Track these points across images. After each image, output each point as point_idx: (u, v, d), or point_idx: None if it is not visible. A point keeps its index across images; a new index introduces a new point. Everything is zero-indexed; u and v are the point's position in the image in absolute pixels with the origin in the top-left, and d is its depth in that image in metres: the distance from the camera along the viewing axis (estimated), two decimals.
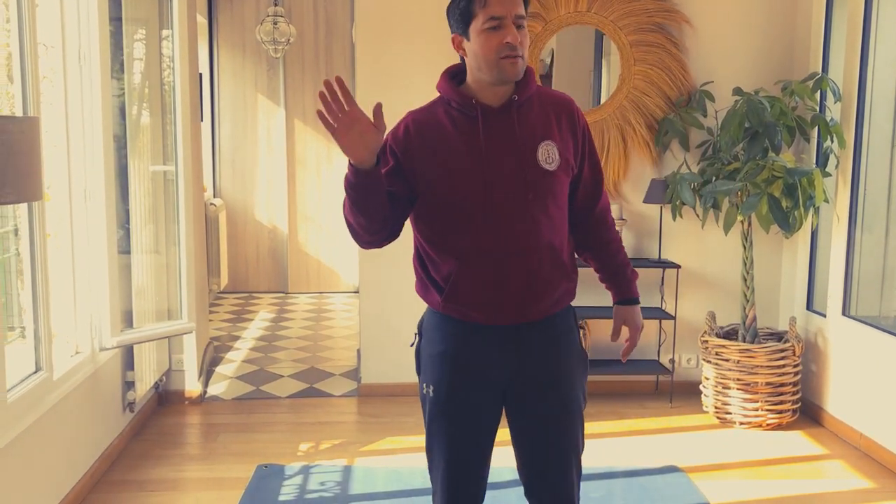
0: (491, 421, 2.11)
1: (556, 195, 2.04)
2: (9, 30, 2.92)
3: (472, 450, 2.11)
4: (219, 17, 7.14)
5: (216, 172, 7.32)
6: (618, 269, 2.24)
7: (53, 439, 3.03)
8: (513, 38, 1.92)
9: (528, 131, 2.01)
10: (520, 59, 1.95)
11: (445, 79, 2.08)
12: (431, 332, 2.12)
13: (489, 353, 2.06)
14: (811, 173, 3.85)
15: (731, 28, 4.48)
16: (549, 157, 2.01)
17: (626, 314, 2.26)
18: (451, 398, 2.07)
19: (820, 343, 4.25)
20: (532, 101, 2.06)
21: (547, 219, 2.02)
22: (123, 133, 3.63)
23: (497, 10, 1.93)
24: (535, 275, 2.02)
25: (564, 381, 2.12)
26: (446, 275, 2.03)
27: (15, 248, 3.11)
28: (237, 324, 6.32)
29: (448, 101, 2.05)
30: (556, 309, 2.10)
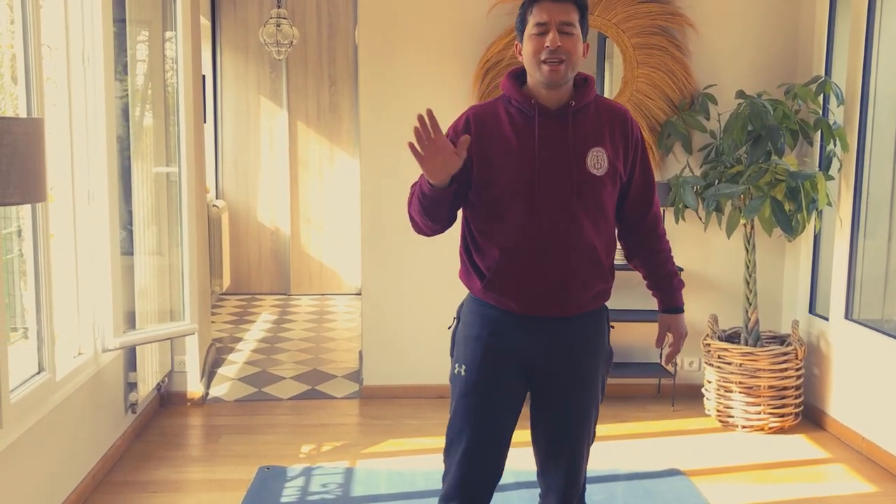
0: (514, 404, 2.23)
1: (601, 200, 2.14)
2: (13, 31, 2.93)
3: (493, 431, 2.22)
4: (222, 19, 7.15)
5: (219, 174, 7.32)
6: (665, 278, 2.36)
7: (56, 440, 3.03)
8: (552, 41, 2.04)
9: (581, 136, 2.12)
10: (561, 65, 2.06)
11: (509, 78, 2.20)
12: (469, 315, 2.25)
13: (521, 341, 2.18)
14: (814, 177, 3.85)
15: (734, 31, 4.48)
16: (597, 163, 2.12)
17: (671, 322, 2.38)
18: (480, 377, 2.19)
19: (822, 346, 4.25)
20: (589, 108, 2.17)
21: (590, 221, 2.12)
22: (126, 134, 3.64)
23: (543, 17, 2.07)
24: (573, 273, 2.13)
25: (588, 375, 2.24)
26: (489, 263, 2.15)
27: (18, 248, 3.11)
28: (239, 325, 6.32)
29: (509, 100, 2.17)
30: (590, 307, 2.22)
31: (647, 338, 4.62)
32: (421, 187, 2.07)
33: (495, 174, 2.11)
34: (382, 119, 4.42)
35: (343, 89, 7.27)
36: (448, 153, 1.97)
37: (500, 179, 2.11)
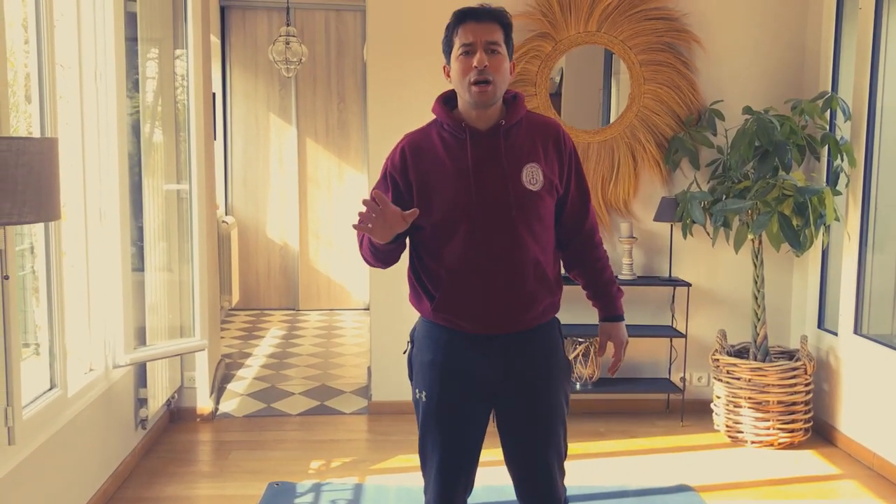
0: (479, 423, 2.27)
1: (541, 214, 2.17)
2: (27, 51, 2.97)
3: (461, 450, 2.26)
4: (232, 37, 7.22)
5: (228, 190, 7.37)
6: (603, 286, 2.36)
7: (67, 456, 3.04)
8: (479, 60, 2.07)
9: (514, 153, 2.16)
10: (489, 87, 2.09)
11: (439, 103, 2.24)
12: (422, 340, 2.28)
13: (476, 361, 2.21)
14: (821, 192, 3.85)
15: (741, 47, 4.50)
16: (533, 178, 2.15)
17: (611, 330, 2.38)
18: (441, 403, 2.24)
19: (832, 362, 4.24)
20: (520, 125, 2.20)
21: (531, 236, 2.15)
22: (137, 151, 3.67)
23: (468, 38, 2.11)
24: (520, 288, 2.16)
25: (548, 388, 2.25)
26: (437, 284, 2.19)
27: (31, 266, 3.14)
28: (248, 341, 6.34)
29: (441, 124, 2.21)
30: (541, 321, 2.24)
31: (656, 353, 4.61)
32: (371, 242, 2.12)
33: (434, 199, 2.14)
34: (390, 136, 4.44)
35: (351, 106, 7.32)
36: (395, 219, 2.01)
37: (440, 203, 2.13)
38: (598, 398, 4.60)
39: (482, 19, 2.12)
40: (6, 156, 1.95)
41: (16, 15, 2.95)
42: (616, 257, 4.50)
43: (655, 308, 4.58)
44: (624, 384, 4.52)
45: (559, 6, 4.35)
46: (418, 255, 2.23)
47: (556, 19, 4.36)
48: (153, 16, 3.78)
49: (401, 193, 2.18)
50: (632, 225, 4.48)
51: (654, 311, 4.59)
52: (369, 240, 2.13)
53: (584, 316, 3.96)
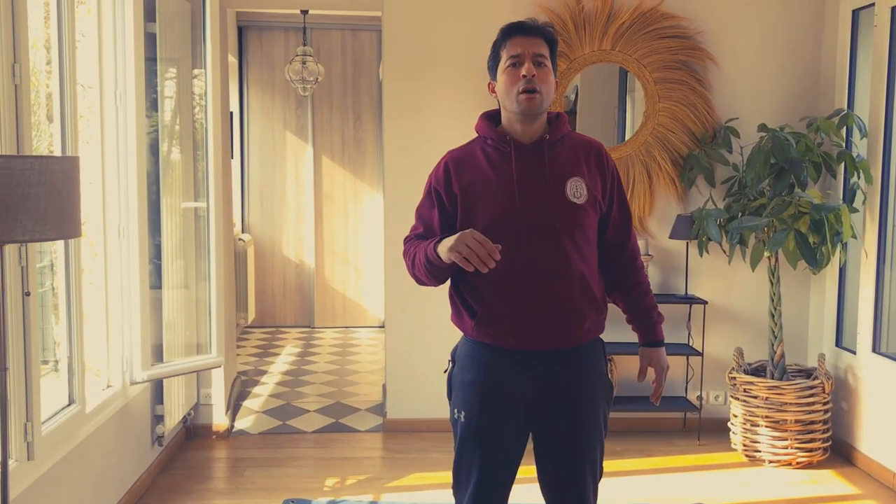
0: (518, 445, 2.24)
1: (584, 228, 2.17)
2: (49, 71, 3.02)
3: (499, 472, 2.23)
4: (249, 56, 7.29)
5: (245, 208, 7.42)
6: (645, 311, 2.34)
7: (84, 472, 3.06)
8: (527, 69, 2.11)
9: (558, 167, 2.17)
10: (537, 96, 2.12)
11: (483, 119, 2.26)
12: (464, 359, 2.25)
13: (518, 380, 2.18)
14: (838, 209, 3.84)
15: (756, 65, 4.50)
16: (577, 192, 2.15)
17: (651, 356, 2.36)
18: (481, 424, 2.20)
19: (850, 380, 4.21)
20: (563, 141, 2.22)
21: (575, 249, 2.14)
22: (155, 170, 3.71)
23: (516, 50, 2.14)
24: (564, 301, 2.14)
25: (589, 409, 2.22)
26: (479, 299, 2.17)
27: (51, 283, 3.18)
28: (264, 358, 6.36)
29: (485, 139, 2.23)
30: (586, 339, 2.22)
31: (672, 372, 4.58)
32: (428, 257, 2.09)
33: (478, 210, 2.14)
34: (406, 154, 4.48)
35: (367, 125, 7.36)
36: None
37: (484, 214, 2.12)
38: (615, 417, 4.56)
39: (529, 34, 2.15)
40: (28, 174, 1.99)
41: (38, 36, 3.00)
42: None
43: (671, 326, 4.56)
44: (640, 403, 4.49)
45: (573, 25, 4.38)
46: (460, 271, 2.17)
47: (571, 38, 4.38)
48: (172, 36, 3.83)
49: (445, 207, 2.19)
50: (647, 242, 4.47)
51: (670, 329, 4.57)
52: (424, 261, 2.11)
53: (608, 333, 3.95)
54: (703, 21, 4.46)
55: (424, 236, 2.21)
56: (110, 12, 3.38)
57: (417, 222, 2.26)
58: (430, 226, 2.21)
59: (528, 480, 2.36)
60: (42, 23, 3.04)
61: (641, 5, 4.37)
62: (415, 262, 2.17)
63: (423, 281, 2.20)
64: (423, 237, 2.21)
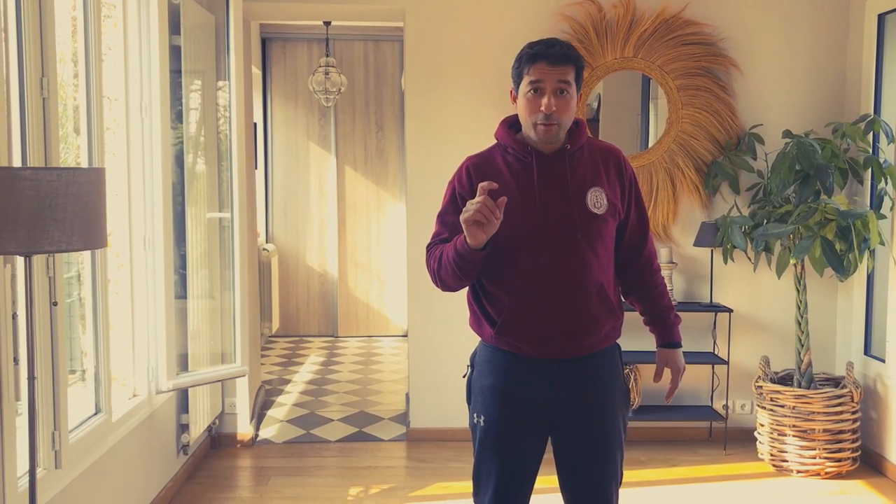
0: (537, 450, 2.26)
1: (604, 238, 2.19)
2: (76, 84, 3.06)
3: (518, 476, 2.24)
4: (272, 68, 7.35)
5: (269, 218, 7.46)
6: (661, 313, 2.37)
7: (110, 480, 3.09)
8: (546, 106, 2.09)
9: (579, 177, 2.18)
10: (554, 126, 2.11)
11: (504, 127, 2.26)
12: (483, 364, 2.27)
13: (537, 386, 2.20)
14: (865, 216, 3.79)
15: (780, 71, 4.47)
16: (597, 202, 2.17)
17: (668, 357, 2.38)
18: (500, 428, 2.22)
19: (879, 389, 4.15)
20: (583, 150, 2.23)
21: (595, 259, 2.16)
22: (180, 181, 3.75)
23: (539, 76, 2.10)
24: (584, 312, 2.16)
25: (607, 414, 2.24)
26: (499, 309, 2.18)
27: (77, 293, 3.21)
28: (288, 367, 6.39)
29: (505, 148, 2.23)
30: (603, 345, 2.24)
31: (697, 380, 4.55)
32: (456, 250, 2.06)
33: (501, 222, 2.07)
34: (428, 163, 4.49)
35: (390, 135, 7.39)
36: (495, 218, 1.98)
37: (505, 226, 2.06)
38: (639, 426, 4.54)
39: (555, 62, 2.09)
40: (56, 185, 2.01)
41: (66, 50, 3.05)
42: None
43: (697, 334, 4.53)
44: (665, 412, 4.46)
45: (595, 33, 4.37)
46: (479, 279, 2.21)
47: (593, 46, 4.38)
48: (196, 48, 3.87)
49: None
50: (671, 250, 4.45)
51: (695, 338, 4.53)
52: (454, 255, 2.06)
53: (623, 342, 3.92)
54: (725, 27, 4.43)
55: (448, 240, 2.17)
56: (136, 26, 3.42)
57: (441, 228, 2.24)
58: (455, 229, 2.14)
59: (550, 490, 2.35)
60: (69, 37, 3.08)
61: (663, 12, 4.36)
62: (441, 262, 2.14)
63: (449, 283, 2.16)
64: (447, 241, 2.17)
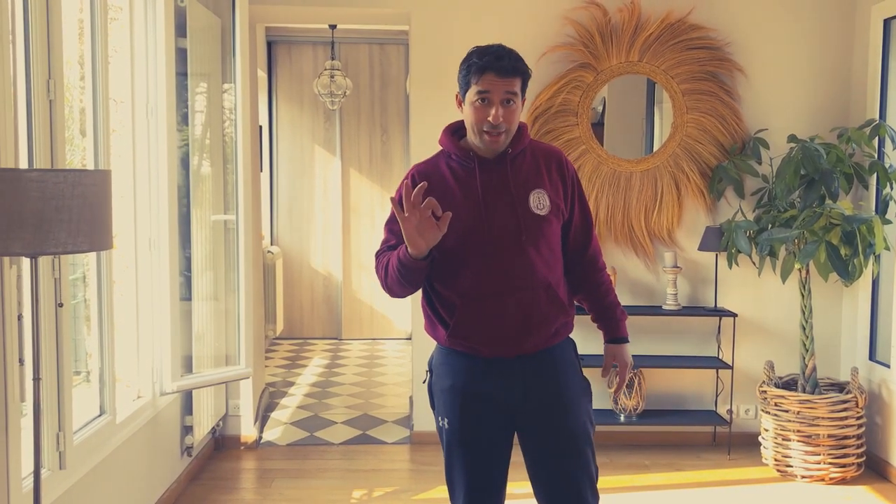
0: (503, 447, 2.29)
1: (548, 237, 2.24)
2: (83, 87, 3.08)
3: (488, 475, 2.27)
4: (278, 71, 7.37)
5: (274, 221, 7.48)
6: (608, 309, 2.43)
7: (114, 482, 3.09)
8: (494, 117, 2.14)
9: (521, 180, 2.24)
10: (501, 136, 2.17)
11: (447, 134, 2.31)
12: (440, 367, 2.33)
13: (494, 384, 2.24)
14: (870, 220, 3.79)
15: (785, 75, 4.47)
16: (539, 204, 2.22)
17: (615, 351, 2.44)
18: (464, 427, 2.27)
19: (885, 394, 4.13)
20: (525, 153, 2.28)
21: (541, 259, 2.22)
22: (186, 183, 3.76)
23: (486, 86, 2.15)
24: (532, 310, 2.21)
25: (569, 409, 2.27)
26: (451, 311, 2.24)
27: (83, 294, 3.22)
28: (292, 369, 6.40)
29: (449, 154, 2.28)
30: (555, 341, 2.29)
31: (701, 385, 4.55)
32: (399, 258, 2.11)
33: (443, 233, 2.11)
34: None
35: (394, 138, 7.40)
36: (429, 222, 2.03)
37: (451, 230, 2.11)
38: (643, 430, 4.54)
39: (503, 74, 2.14)
40: (62, 187, 2.02)
41: (72, 52, 3.06)
42: (660, 287, 4.47)
43: (701, 339, 4.52)
44: (669, 416, 4.45)
45: (600, 37, 4.37)
46: (430, 283, 2.27)
47: (598, 50, 4.38)
48: (202, 51, 3.88)
49: None
50: (676, 255, 4.44)
51: (699, 342, 4.53)
52: (397, 264, 2.12)
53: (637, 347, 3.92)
54: (731, 32, 4.43)
55: (396, 248, 2.20)
56: (142, 28, 3.44)
57: (388, 235, 2.28)
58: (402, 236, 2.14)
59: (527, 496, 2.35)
60: (76, 39, 3.10)
61: (669, 17, 4.36)
62: (388, 269, 2.19)
63: (395, 291, 2.22)
64: (394, 248, 2.21)
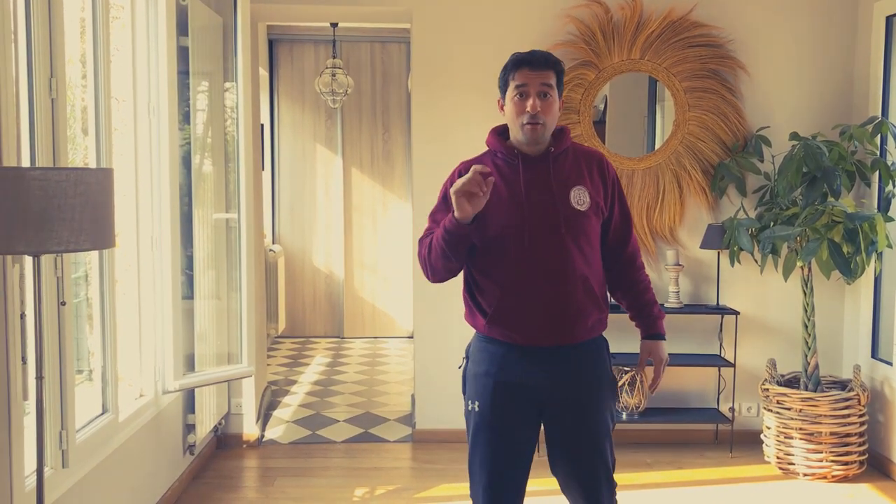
0: (529, 435, 2.39)
1: (588, 233, 2.35)
2: (84, 85, 3.08)
3: (511, 460, 2.36)
4: (279, 69, 7.37)
5: (275, 219, 7.48)
6: (645, 307, 2.52)
7: (117, 480, 3.10)
8: (532, 106, 2.28)
9: (562, 177, 2.35)
10: (539, 126, 2.29)
11: (493, 134, 2.45)
12: (477, 354, 2.44)
13: (527, 372, 2.34)
14: (872, 218, 3.78)
15: (787, 73, 4.46)
16: (580, 200, 2.34)
17: (652, 348, 2.53)
18: (493, 410, 2.36)
19: (887, 392, 4.13)
20: (567, 153, 2.40)
21: (579, 253, 2.32)
22: (188, 182, 3.76)
23: (523, 80, 2.30)
24: (569, 302, 2.31)
25: (594, 402, 2.38)
26: (490, 300, 2.34)
27: (85, 293, 3.23)
28: (294, 368, 6.40)
29: (495, 153, 2.42)
30: (589, 336, 2.38)
31: (704, 383, 4.54)
32: (444, 227, 2.23)
33: (489, 218, 2.26)
34: (434, 165, 4.47)
35: (396, 136, 7.40)
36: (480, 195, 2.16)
37: (494, 222, 2.27)
38: (645, 428, 4.54)
39: (537, 67, 2.30)
40: (65, 186, 2.02)
41: (74, 51, 3.06)
42: (662, 285, 4.46)
43: (703, 337, 4.52)
44: (671, 414, 4.45)
45: (602, 35, 4.37)
46: (472, 274, 2.39)
47: (600, 48, 4.38)
48: (204, 50, 3.88)
49: None
50: (678, 252, 4.44)
51: (701, 340, 4.52)
52: (442, 234, 2.23)
53: (631, 345, 3.92)
54: (733, 29, 4.43)
55: None
56: (144, 27, 3.44)
57: (431, 224, 2.41)
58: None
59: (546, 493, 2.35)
60: (78, 38, 3.10)
61: (670, 14, 4.36)
62: (431, 245, 2.31)
63: (437, 267, 2.32)
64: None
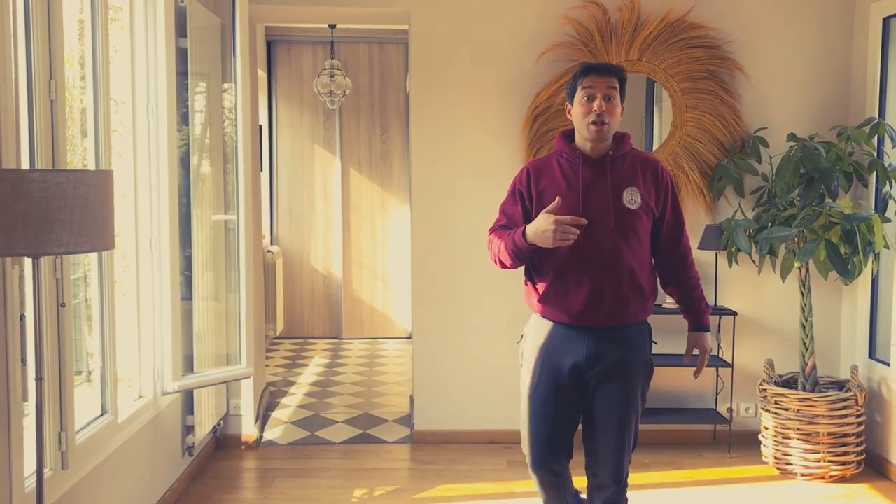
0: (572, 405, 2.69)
1: (637, 229, 2.62)
2: (83, 87, 3.08)
3: (555, 427, 2.69)
4: (278, 70, 7.37)
5: (274, 220, 7.48)
6: (695, 302, 2.81)
7: (116, 481, 3.10)
8: (598, 106, 2.57)
9: (618, 178, 2.64)
10: (605, 126, 2.58)
11: (560, 137, 2.73)
12: (532, 330, 2.77)
13: (572, 347, 2.65)
14: (870, 219, 3.79)
15: (785, 74, 4.47)
16: (632, 199, 2.62)
17: (698, 339, 2.82)
18: (541, 382, 2.69)
19: (884, 392, 4.14)
20: (625, 157, 2.68)
21: (627, 247, 2.60)
22: (186, 183, 3.76)
23: (590, 83, 2.60)
24: (616, 290, 2.60)
25: (630, 381, 2.66)
26: (545, 283, 2.67)
27: (84, 294, 3.23)
28: (292, 369, 6.40)
29: (560, 153, 2.71)
30: (632, 320, 2.66)
31: (702, 383, 4.55)
32: (515, 241, 2.58)
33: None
34: (432, 166, 4.49)
35: (394, 137, 7.40)
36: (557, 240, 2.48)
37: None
38: (643, 429, 4.54)
39: (603, 73, 2.61)
40: (64, 187, 2.03)
41: (73, 52, 3.06)
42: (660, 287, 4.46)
43: None
44: (669, 414, 4.46)
45: (600, 36, 4.38)
46: (532, 261, 2.69)
47: (597, 49, 4.38)
48: (202, 51, 3.89)
49: (525, 205, 2.70)
50: None
51: None
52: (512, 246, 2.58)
53: None
54: (730, 31, 4.44)
55: (507, 227, 2.69)
56: (142, 28, 3.44)
57: (501, 216, 2.75)
58: (512, 219, 2.71)
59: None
60: (76, 39, 3.10)
61: (668, 15, 4.37)
62: (500, 248, 2.65)
63: (504, 263, 2.67)
64: (506, 227, 2.69)
